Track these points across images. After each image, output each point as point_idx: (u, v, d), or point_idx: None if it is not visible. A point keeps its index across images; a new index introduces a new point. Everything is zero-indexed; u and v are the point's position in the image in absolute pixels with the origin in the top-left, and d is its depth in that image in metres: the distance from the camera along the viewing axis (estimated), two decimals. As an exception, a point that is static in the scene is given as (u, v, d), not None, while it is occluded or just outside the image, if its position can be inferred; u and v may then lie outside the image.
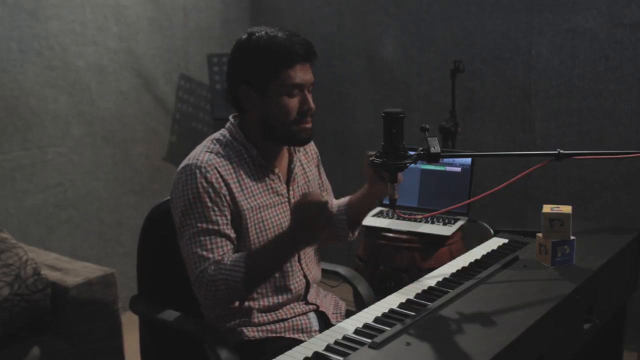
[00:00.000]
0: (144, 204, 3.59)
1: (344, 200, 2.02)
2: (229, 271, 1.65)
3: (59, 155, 3.28)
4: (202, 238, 1.69)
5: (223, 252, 1.70)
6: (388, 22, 3.61)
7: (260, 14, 4.11)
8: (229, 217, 1.72)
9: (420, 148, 1.68)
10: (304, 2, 3.91)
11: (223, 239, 1.70)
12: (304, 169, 1.93)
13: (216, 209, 1.70)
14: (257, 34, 1.74)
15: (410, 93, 3.58)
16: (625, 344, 2.19)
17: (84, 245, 3.42)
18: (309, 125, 1.77)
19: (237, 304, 1.77)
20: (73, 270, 2.43)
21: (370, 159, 1.65)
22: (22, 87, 3.11)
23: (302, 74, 1.73)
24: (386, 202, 2.84)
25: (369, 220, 2.80)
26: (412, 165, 1.70)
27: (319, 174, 2.01)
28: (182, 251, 1.74)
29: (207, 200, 1.69)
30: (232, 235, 1.73)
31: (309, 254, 1.91)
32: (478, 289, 1.64)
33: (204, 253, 1.68)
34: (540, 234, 1.80)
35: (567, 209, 1.77)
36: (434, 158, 1.67)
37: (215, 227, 1.69)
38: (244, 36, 1.76)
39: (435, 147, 1.67)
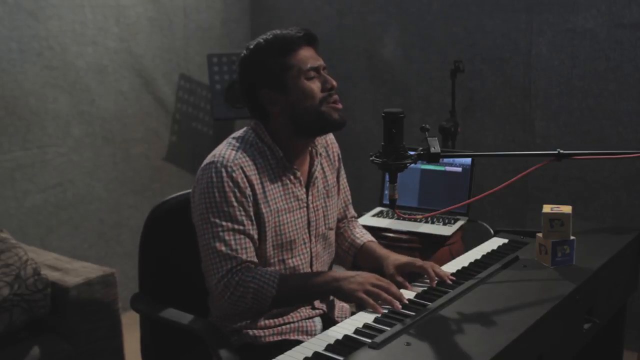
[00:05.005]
0: (144, 204, 3.59)
1: (366, 242, 1.99)
2: (262, 282, 1.65)
3: (59, 155, 3.28)
4: (227, 237, 1.67)
5: (247, 253, 1.69)
6: (388, 22, 3.61)
7: (260, 14, 4.11)
8: (252, 218, 1.71)
9: (420, 148, 1.68)
10: (304, 2, 3.91)
11: (248, 240, 1.70)
12: (324, 173, 1.91)
13: (242, 209, 1.69)
14: (254, 42, 1.78)
15: (410, 93, 3.58)
16: (625, 344, 2.19)
17: (84, 245, 3.42)
18: (339, 106, 1.77)
19: None
20: (73, 270, 2.43)
21: (371, 159, 1.65)
22: (22, 87, 3.11)
23: (309, 56, 1.74)
24: (386, 202, 2.84)
25: (369, 221, 2.80)
26: (412, 165, 1.70)
27: (338, 178, 1.99)
28: (202, 249, 1.71)
29: (233, 199, 1.68)
30: (256, 237, 1.72)
31: (321, 261, 1.91)
32: (478, 289, 1.64)
33: (230, 252, 1.66)
34: (540, 234, 1.80)
35: (567, 209, 1.77)
36: (434, 158, 1.67)
37: (241, 227, 1.68)
38: (244, 51, 1.79)
39: (435, 147, 1.67)
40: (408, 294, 1.66)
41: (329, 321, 1.88)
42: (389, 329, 1.43)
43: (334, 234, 1.97)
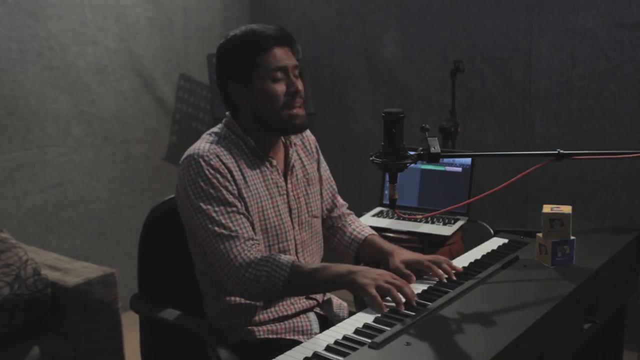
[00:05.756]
0: (144, 204, 3.59)
1: (369, 235, 2.00)
2: (275, 266, 1.66)
3: (59, 155, 3.28)
4: (224, 220, 1.69)
5: (248, 231, 1.70)
6: (388, 22, 3.61)
7: (260, 14, 4.11)
8: (240, 200, 1.73)
9: (420, 148, 1.68)
10: (304, 2, 3.91)
11: (244, 218, 1.72)
12: (302, 162, 1.93)
13: (228, 192, 1.71)
14: (232, 34, 1.80)
15: (410, 93, 3.58)
16: (625, 344, 2.19)
17: (84, 245, 3.42)
18: (301, 112, 1.78)
19: (238, 300, 1.77)
20: (73, 270, 2.43)
21: (371, 159, 1.65)
22: (22, 87, 3.11)
23: (281, 56, 1.75)
24: (386, 202, 2.84)
25: (369, 221, 2.80)
26: (412, 165, 1.70)
27: (318, 169, 2.00)
28: (201, 237, 1.72)
29: (218, 184, 1.70)
30: (250, 216, 1.74)
31: (309, 250, 1.91)
32: (478, 289, 1.64)
33: (232, 233, 1.68)
34: (540, 234, 1.80)
35: (567, 209, 1.77)
36: (434, 158, 1.67)
37: (234, 208, 1.71)
38: (222, 40, 1.82)
39: (435, 147, 1.67)
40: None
41: (325, 321, 1.89)
42: (389, 329, 1.43)
43: (319, 223, 1.98)
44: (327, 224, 2.05)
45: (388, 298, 1.59)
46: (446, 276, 1.73)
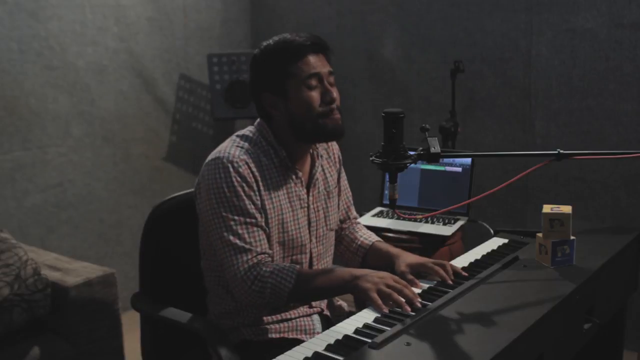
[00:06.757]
0: (144, 204, 3.59)
1: (375, 242, 2.00)
2: (280, 277, 1.66)
3: (59, 155, 3.28)
4: (240, 231, 1.68)
5: (262, 245, 1.70)
6: (388, 22, 3.61)
7: (260, 14, 4.11)
8: (261, 212, 1.73)
9: (420, 148, 1.68)
10: (304, 2, 3.91)
11: (261, 232, 1.71)
12: (325, 174, 1.92)
13: (251, 202, 1.70)
14: (265, 43, 1.78)
15: (410, 93, 3.58)
16: (625, 344, 2.20)
17: (84, 245, 3.42)
18: (337, 117, 1.76)
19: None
20: (73, 270, 2.43)
21: (371, 159, 1.65)
22: (22, 87, 3.11)
23: (315, 63, 1.73)
24: (386, 202, 2.84)
25: (369, 220, 2.80)
26: (412, 165, 1.70)
27: (339, 179, 1.99)
28: (215, 243, 1.72)
29: (242, 193, 1.69)
30: (267, 229, 1.74)
31: (324, 262, 1.91)
32: (478, 289, 1.64)
33: (245, 245, 1.68)
34: (540, 234, 1.80)
35: (567, 209, 1.77)
36: (434, 158, 1.67)
37: (253, 220, 1.70)
38: (256, 51, 1.79)
39: (435, 147, 1.67)
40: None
41: (327, 320, 1.89)
42: (389, 329, 1.43)
43: (334, 235, 1.97)
44: (335, 233, 2.05)
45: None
46: (451, 279, 1.73)
